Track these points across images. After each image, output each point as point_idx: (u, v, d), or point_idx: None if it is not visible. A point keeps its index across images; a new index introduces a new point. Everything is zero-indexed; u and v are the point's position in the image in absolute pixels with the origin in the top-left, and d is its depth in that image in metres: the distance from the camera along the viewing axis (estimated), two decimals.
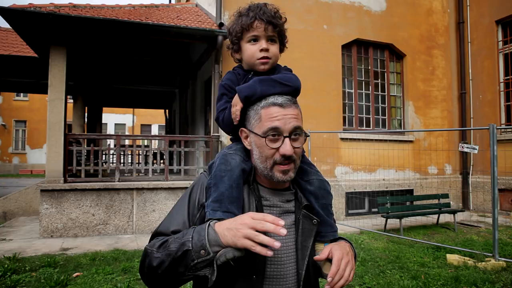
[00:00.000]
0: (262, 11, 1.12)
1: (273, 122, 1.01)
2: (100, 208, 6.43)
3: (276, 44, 1.16)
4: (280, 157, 1.01)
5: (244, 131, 1.10)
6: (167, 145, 7.17)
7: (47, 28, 6.29)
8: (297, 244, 1.07)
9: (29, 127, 25.64)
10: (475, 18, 9.42)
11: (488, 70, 9.06)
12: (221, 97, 1.18)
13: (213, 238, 0.90)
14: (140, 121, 31.19)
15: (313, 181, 1.15)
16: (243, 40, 1.15)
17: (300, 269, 1.05)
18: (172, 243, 0.95)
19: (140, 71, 11.78)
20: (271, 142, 1.01)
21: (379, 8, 8.86)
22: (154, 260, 0.96)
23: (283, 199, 1.10)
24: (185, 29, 6.68)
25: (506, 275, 4.30)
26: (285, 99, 1.04)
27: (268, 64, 1.14)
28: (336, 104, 8.22)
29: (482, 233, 6.60)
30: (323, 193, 1.14)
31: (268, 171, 1.04)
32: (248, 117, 1.08)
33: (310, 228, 1.08)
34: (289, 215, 1.10)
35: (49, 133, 6.33)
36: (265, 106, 1.03)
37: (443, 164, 9.36)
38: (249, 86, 1.07)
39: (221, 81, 1.21)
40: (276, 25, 1.13)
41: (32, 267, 4.47)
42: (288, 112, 1.02)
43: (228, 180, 1.03)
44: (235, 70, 1.22)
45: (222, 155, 1.11)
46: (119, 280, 4.08)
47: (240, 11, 1.17)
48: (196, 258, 0.90)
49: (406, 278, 4.18)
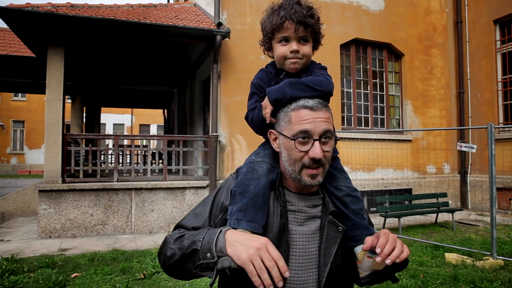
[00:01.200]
0: (294, 10, 1.07)
1: (303, 125, 0.99)
2: (98, 209, 6.41)
3: (308, 43, 1.12)
4: (309, 160, 0.99)
5: (273, 133, 1.08)
6: (166, 145, 7.16)
7: (44, 28, 6.28)
8: (320, 250, 1.04)
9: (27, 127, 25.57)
10: (473, 18, 9.43)
11: (486, 70, 9.07)
12: (252, 96, 1.17)
13: (220, 245, 0.91)
14: (138, 121, 31.15)
15: (341, 187, 1.12)
16: (274, 40, 1.12)
17: (321, 276, 1.02)
18: (186, 239, 0.98)
19: (138, 71, 11.77)
20: (301, 145, 1.00)
21: (377, 8, 8.86)
22: (169, 250, 1.00)
23: (309, 204, 1.08)
24: (184, 29, 6.67)
25: (504, 273, 4.31)
26: (316, 102, 1.02)
27: (298, 64, 1.11)
28: (335, 103, 8.21)
29: (480, 231, 6.61)
30: (351, 199, 1.11)
31: (297, 174, 1.02)
32: (278, 119, 1.06)
33: (335, 235, 1.05)
34: (314, 220, 1.08)
35: (47, 133, 6.31)
36: (295, 108, 1.01)
37: (441, 163, 9.38)
38: (278, 89, 1.04)
39: (253, 79, 1.19)
40: (308, 25, 1.08)
41: (30, 268, 4.46)
42: (319, 115, 1.00)
43: (254, 189, 1.02)
44: (268, 68, 1.19)
45: (250, 162, 1.10)
46: (117, 281, 4.08)
47: (273, 7, 1.12)
48: (202, 258, 0.92)
49: (404, 277, 4.18)
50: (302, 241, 1.04)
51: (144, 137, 7.69)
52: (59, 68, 6.44)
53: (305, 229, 1.06)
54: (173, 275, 1.05)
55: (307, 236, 1.05)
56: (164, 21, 6.81)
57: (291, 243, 1.02)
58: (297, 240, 1.04)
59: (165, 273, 1.06)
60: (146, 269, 4.40)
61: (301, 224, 1.06)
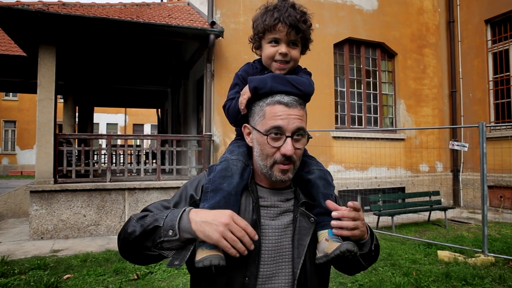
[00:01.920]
0: (288, 14, 1.07)
1: (277, 121, 1.00)
2: (91, 209, 6.37)
3: (297, 48, 1.13)
4: (281, 157, 1.00)
5: (247, 127, 1.10)
6: (159, 144, 7.12)
7: (35, 27, 6.20)
8: (293, 242, 1.05)
9: (18, 127, 25.28)
10: (465, 18, 9.52)
11: (478, 69, 9.16)
12: (233, 87, 1.18)
13: (184, 224, 0.91)
14: (132, 121, 30.97)
15: (314, 171, 1.14)
16: (264, 39, 1.13)
17: (296, 268, 1.03)
18: (149, 217, 0.96)
19: (131, 70, 11.70)
20: (273, 141, 1.00)
21: (370, 7, 8.90)
22: (130, 227, 0.98)
23: (282, 199, 1.09)
24: (177, 28, 6.64)
25: (495, 270, 4.36)
26: (292, 99, 1.03)
27: (284, 70, 1.12)
28: (329, 102, 8.24)
29: (472, 229, 6.68)
30: (323, 183, 1.13)
31: (268, 170, 1.03)
32: (253, 113, 1.07)
33: (308, 227, 1.06)
34: (287, 214, 1.08)
35: (38, 134, 6.24)
36: (270, 103, 1.02)
37: (434, 162, 9.45)
38: (260, 78, 1.06)
39: (238, 71, 1.20)
40: (300, 30, 1.09)
41: (21, 270, 4.40)
42: (293, 112, 1.01)
43: (227, 187, 1.03)
44: (254, 63, 1.20)
45: (224, 160, 1.10)
46: (110, 282, 4.05)
47: (267, 7, 1.12)
48: (163, 236, 0.91)
49: (398, 275, 4.20)
50: (274, 236, 1.05)
51: (138, 136, 7.64)
52: (51, 67, 6.38)
53: (277, 223, 1.06)
54: (130, 256, 1.02)
55: (280, 230, 1.06)
56: (157, 20, 6.78)
57: (263, 238, 1.03)
58: (270, 235, 1.04)
59: (121, 254, 1.03)
60: (140, 269, 4.38)
61: (274, 219, 1.07)
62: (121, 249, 1.02)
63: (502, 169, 7.71)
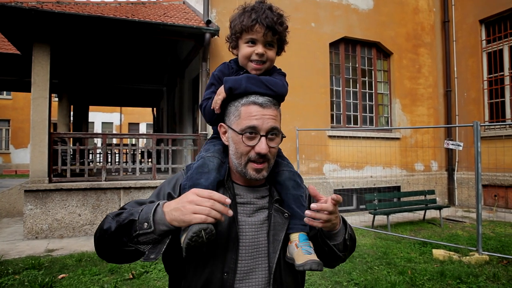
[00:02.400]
0: (265, 15, 1.10)
1: (251, 121, 1.03)
2: (86, 208, 6.33)
3: (273, 49, 1.16)
4: (255, 155, 1.04)
5: (223, 126, 1.13)
6: (155, 143, 7.10)
7: (29, 25, 6.15)
8: (269, 238, 1.09)
9: (13, 126, 25.05)
10: (460, 17, 9.56)
11: (473, 69, 9.21)
12: (209, 86, 1.20)
13: (159, 217, 0.92)
14: (127, 120, 30.81)
15: (283, 172, 1.17)
16: (241, 39, 1.16)
17: (271, 263, 1.07)
18: (125, 213, 0.98)
19: (127, 69, 11.63)
20: (248, 140, 1.04)
21: (366, 7, 8.92)
22: (106, 224, 0.98)
23: (257, 196, 1.13)
24: (172, 27, 6.61)
25: (489, 268, 4.39)
26: (266, 100, 1.06)
27: (260, 70, 1.15)
28: (324, 101, 8.25)
29: (466, 228, 6.72)
30: (292, 184, 1.16)
31: (242, 168, 1.07)
32: (228, 112, 1.10)
33: (282, 222, 1.10)
34: (263, 211, 1.12)
35: (33, 132, 6.19)
36: (245, 103, 1.06)
37: (429, 161, 9.50)
38: (235, 79, 1.09)
39: (214, 71, 1.23)
40: (276, 32, 1.13)
41: (16, 270, 4.37)
42: (267, 112, 1.05)
43: (204, 182, 1.05)
44: (230, 63, 1.23)
45: (201, 158, 1.13)
46: (105, 281, 4.03)
47: (245, 8, 1.15)
48: (138, 229, 0.92)
49: (393, 274, 4.22)
50: (251, 232, 1.09)
51: (133, 135, 7.61)
52: (45, 65, 6.32)
53: (254, 219, 1.10)
54: (107, 254, 1.01)
55: (256, 227, 1.10)
56: (152, 18, 6.74)
57: (240, 234, 1.06)
58: (247, 231, 1.08)
59: (98, 253, 1.04)
60: (135, 269, 4.36)
61: (250, 215, 1.11)
62: (98, 247, 1.02)
63: (496, 168, 7.77)
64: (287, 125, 7.73)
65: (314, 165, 7.97)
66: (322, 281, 4.05)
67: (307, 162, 7.88)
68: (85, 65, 11.16)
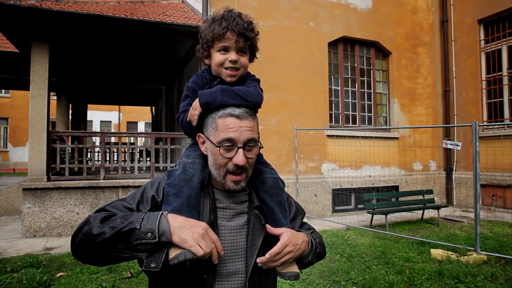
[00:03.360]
0: (235, 22, 1.12)
1: (228, 133, 1.04)
2: (85, 207, 6.32)
3: (246, 55, 1.18)
4: (233, 166, 1.05)
5: (202, 136, 1.14)
6: (153, 142, 7.09)
7: (28, 23, 6.13)
8: (247, 242, 1.11)
9: (11, 124, 25.00)
10: (458, 17, 9.58)
11: (471, 68, 9.23)
12: (185, 98, 1.21)
13: (163, 228, 0.94)
14: (126, 118, 30.78)
15: (267, 179, 1.19)
16: (214, 48, 1.17)
17: (248, 266, 1.09)
18: (119, 219, 0.97)
19: (125, 67, 11.62)
20: (225, 151, 1.05)
21: (365, 6, 8.92)
22: (95, 229, 0.96)
23: (237, 201, 1.14)
24: (171, 25, 6.61)
25: (487, 268, 4.40)
26: (242, 111, 1.07)
27: (235, 77, 1.16)
28: (323, 101, 8.26)
29: (464, 227, 6.74)
30: (276, 190, 1.19)
31: (221, 179, 1.08)
32: (206, 124, 1.11)
33: (260, 228, 1.13)
34: (242, 215, 1.14)
35: (31, 131, 6.18)
36: (222, 116, 1.06)
37: (427, 161, 9.52)
38: (210, 93, 1.08)
39: (188, 82, 1.23)
40: (248, 38, 1.14)
41: (14, 268, 4.37)
42: (244, 124, 1.05)
43: (187, 190, 1.07)
44: (203, 73, 1.23)
45: (182, 164, 1.14)
46: (104, 280, 4.03)
47: (214, 17, 1.17)
48: (141, 238, 0.92)
49: (391, 273, 4.23)
50: (230, 236, 1.11)
51: (132, 134, 7.60)
52: (44, 64, 6.31)
53: (233, 224, 1.12)
54: (91, 257, 1.00)
55: (235, 231, 1.12)
56: (151, 17, 6.73)
57: (220, 237, 1.07)
58: (226, 235, 1.11)
59: (77, 255, 1.02)
60: (133, 267, 4.36)
61: (229, 220, 1.13)
62: (80, 249, 1.00)
63: (494, 168, 7.79)
64: (286, 125, 7.74)
65: (313, 165, 7.98)
66: (321, 280, 4.06)
67: (305, 161, 7.89)
68: (84, 64, 11.14)
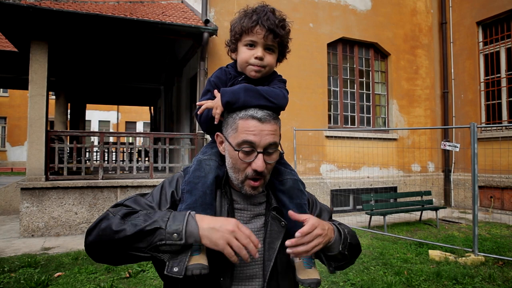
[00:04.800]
0: (267, 17, 1.06)
1: (249, 136, 1.00)
2: (83, 207, 6.31)
3: (274, 54, 1.12)
4: (252, 172, 1.01)
5: (220, 136, 1.09)
6: (152, 142, 7.09)
7: (27, 22, 6.12)
8: (264, 245, 1.07)
9: (9, 123, 24.94)
10: (457, 19, 9.60)
11: (470, 70, 9.25)
12: (205, 93, 1.16)
13: (191, 229, 0.89)
14: (124, 118, 30.74)
15: (287, 181, 1.14)
16: (241, 42, 1.12)
17: (266, 270, 1.05)
18: (142, 217, 0.92)
19: (125, 67, 11.60)
20: (244, 155, 1.01)
21: (364, 7, 8.94)
22: (116, 225, 0.91)
23: (254, 202, 1.10)
24: (170, 25, 6.60)
25: (484, 269, 4.41)
26: (265, 114, 1.02)
27: (260, 73, 1.11)
28: (322, 102, 8.27)
29: (462, 229, 6.75)
30: (296, 192, 1.14)
31: (239, 183, 1.05)
32: (226, 123, 1.06)
33: (279, 230, 1.08)
34: (259, 217, 1.10)
35: (30, 130, 6.17)
36: (243, 117, 1.01)
37: (426, 162, 9.54)
38: (233, 91, 1.03)
39: (210, 76, 1.18)
40: (277, 35, 1.08)
41: (11, 268, 4.36)
42: (266, 128, 1.01)
43: (201, 187, 1.03)
44: (227, 68, 1.18)
45: (197, 161, 1.10)
46: (102, 280, 4.02)
47: (246, 10, 1.11)
48: (166, 239, 0.88)
49: (389, 274, 4.24)
50: None
51: (130, 134, 7.59)
52: (43, 63, 6.30)
53: (250, 226, 1.07)
54: (107, 255, 0.94)
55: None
56: (150, 17, 6.73)
57: None
58: None
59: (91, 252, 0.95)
60: (132, 267, 4.36)
61: (247, 222, 1.08)
62: (96, 246, 0.94)
63: (492, 169, 7.81)
64: (285, 125, 7.74)
65: (311, 165, 7.98)
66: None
67: (304, 162, 7.89)
68: (83, 63, 11.12)
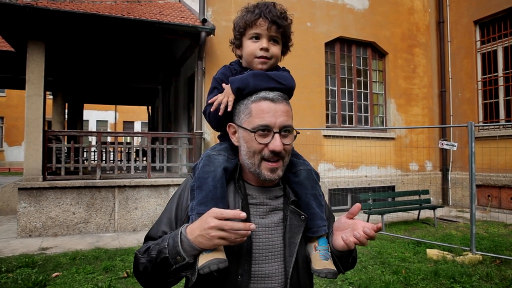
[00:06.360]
0: (268, 10, 1.10)
1: (264, 118, 0.99)
2: (80, 206, 6.30)
3: (278, 45, 1.14)
4: (269, 153, 1.00)
5: (233, 126, 1.08)
6: (150, 142, 7.07)
7: (24, 22, 6.09)
8: (285, 240, 1.05)
9: (6, 123, 24.85)
10: (455, 18, 9.62)
11: (467, 69, 9.27)
12: (212, 91, 1.16)
13: (187, 245, 0.91)
14: (122, 118, 30.69)
15: (301, 171, 1.14)
16: (245, 36, 1.14)
17: (288, 267, 1.03)
18: (153, 250, 0.97)
19: (122, 67, 11.57)
20: (261, 137, 1.00)
21: (361, 7, 8.94)
22: (140, 265, 1.00)
23: (271, 196, 1.08)
24: (168, 25, 6.59)
25: (482, 268, 4.43)
26: (277, 94, 1.03)
27: (266, 65, 1.12)
28: (319, 101, 8.27)
29: (460, 228, 6.77)
30: (311, 183, 1.13)
31: (256, 168, 1.02)
32: (238, 112, 1.06)
33: (299, 224, 1.06)
34: (277, 212, 1.08)
35: (27, 130, 6.15)
36: (256, 100, 1.02)
37: (423, 161, 9.56)
38: (242, 78, 1.05)
39: (215, 74, 1.19)
40: (280, 26, 1.11)
41: (9, 268, 4.34)
42: (279, 108, 1.01)
43: (212, 181, 1.02)
44: (232, 65, 1.20)
45: (206, 156, 1.09)
46: (100, 280, 4.01)
47: (247, 7, 1.15)
48: (174, 264, 0.93)
49: (387, 273, 4.25)
50: (265, 234, 1.04)
51: (128, 134, 7.57)
52: (40, 63, 6.28)
53: (267, 221, 1.06)
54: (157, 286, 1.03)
55: (270, 229, 1.05)
56: (148, 16, 6.71)
57: (253, 236, 1.02)
58: (260, 233, 1.04)
59: None
60: (130, 267, 4.35)
61: (264, 217, 1.06)
62: (144, 285, 1.04)
63: (490, 168, 7.82)
64: None
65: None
66: (316, 280, 4.06)
67: None
68: (80, 63, 11.08)
